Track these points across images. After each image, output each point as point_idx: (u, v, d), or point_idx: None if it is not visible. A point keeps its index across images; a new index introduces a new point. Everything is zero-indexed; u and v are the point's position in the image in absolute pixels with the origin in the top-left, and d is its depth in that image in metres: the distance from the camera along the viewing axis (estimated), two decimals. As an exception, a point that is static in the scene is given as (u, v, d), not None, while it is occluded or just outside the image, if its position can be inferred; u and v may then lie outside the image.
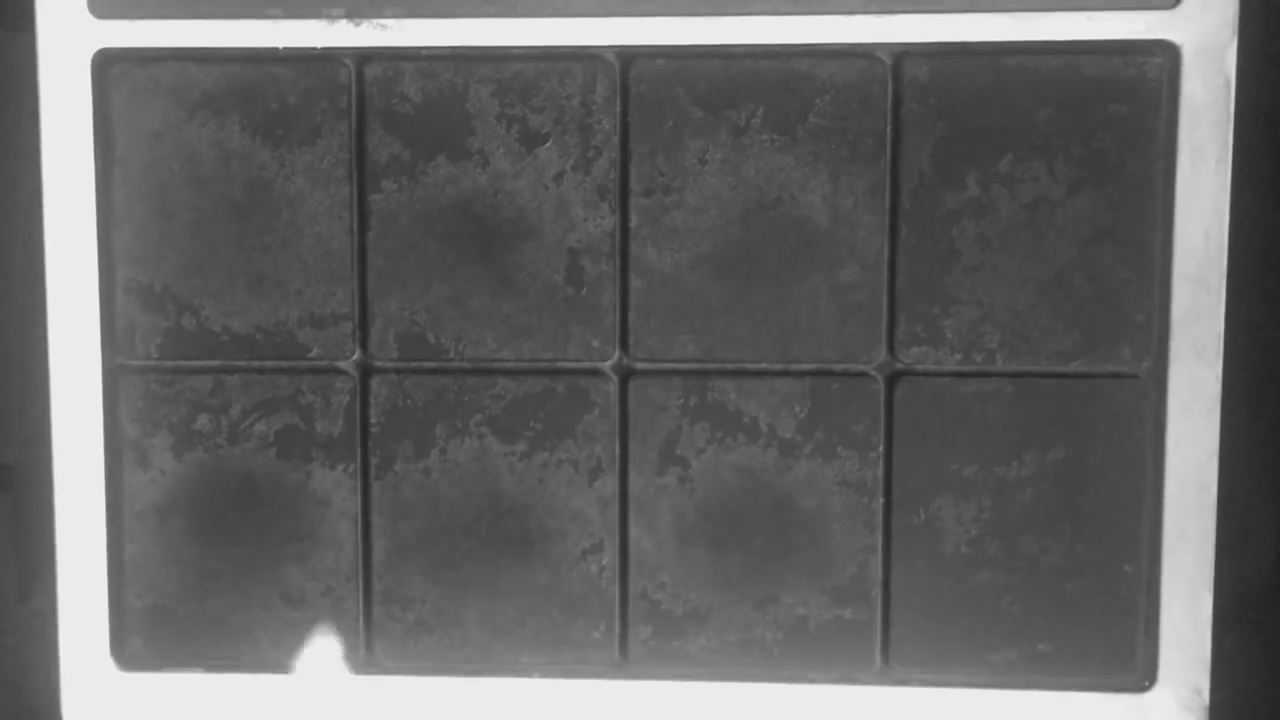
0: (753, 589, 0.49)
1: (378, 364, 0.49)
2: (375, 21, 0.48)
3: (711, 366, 0.48)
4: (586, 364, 0.49)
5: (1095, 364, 0.48)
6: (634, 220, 0.48)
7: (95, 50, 0.48)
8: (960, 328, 0.48)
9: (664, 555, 0.49)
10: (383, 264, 0.48)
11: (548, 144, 0.48)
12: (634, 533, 0.49)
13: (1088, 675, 0.49)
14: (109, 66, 0.48)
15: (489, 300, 0.48)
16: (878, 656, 0.49)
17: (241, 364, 0.49)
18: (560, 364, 0.49)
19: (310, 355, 0.49)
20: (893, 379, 0.48)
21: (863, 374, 0.48)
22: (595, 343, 0.48)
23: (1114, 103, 0.47)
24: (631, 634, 0.49)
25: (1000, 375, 0.48)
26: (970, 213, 0.47)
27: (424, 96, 0.48)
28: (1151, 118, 0.47)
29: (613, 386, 0.49)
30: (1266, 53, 0.49)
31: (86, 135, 0.48)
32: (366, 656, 0.50)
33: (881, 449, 0.48)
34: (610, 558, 0.49)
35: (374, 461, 0.49)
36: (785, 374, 0.48)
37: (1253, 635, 0.52)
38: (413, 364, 0.49)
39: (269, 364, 0.49)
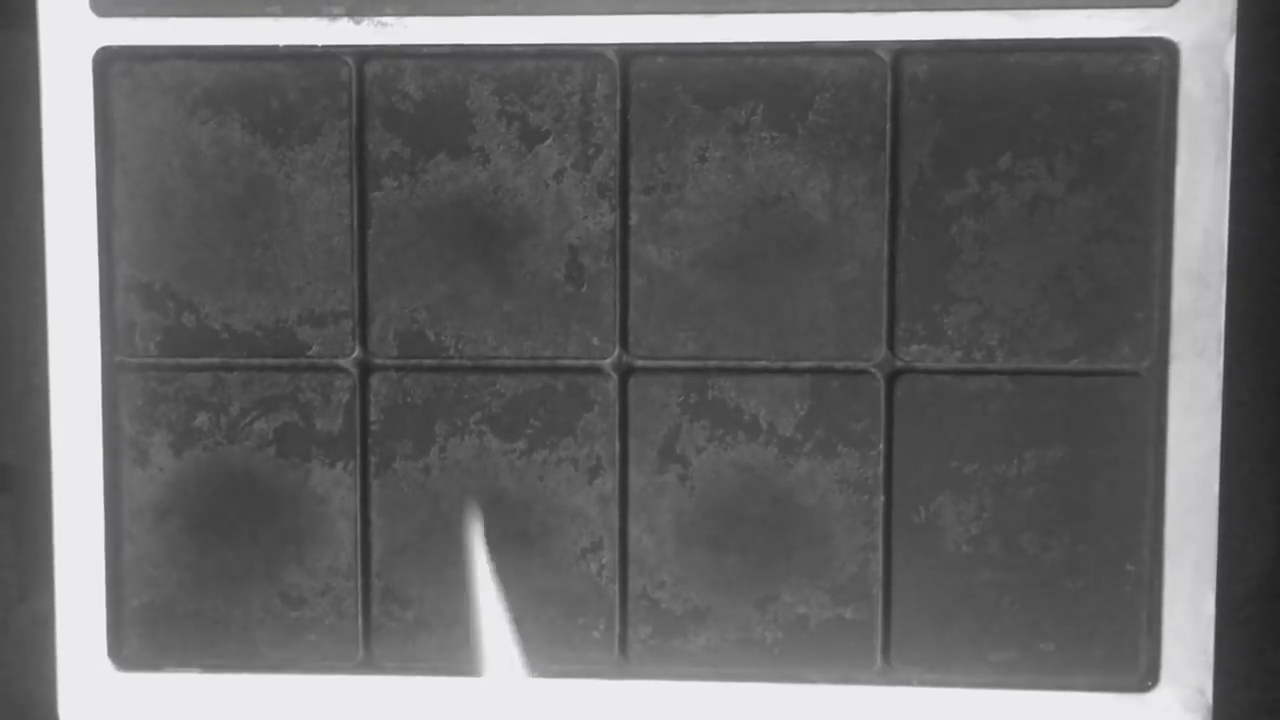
0: (753, 588, 0.49)
1: (377, 362, 0.49)
2: (376, 19, 0.48)
3: (711, 364, 0.48)
4: (586, 361, 0.49)
5: (1095, 361, 0.48)
6: (634, 218, 0.48)
7: (97, 48, 0.48)
8: (960, 325, 0.48)
9: (664, 554, 0.49)
10: (383, 261, 0.48)
11: (548, 141, 0.48)
12: (634, 531, 0.49)
13: (1089, 675, 0.48)
14: (110, 64, 0.48)
15: (489, 298, 0.48)
16: (878, 656, 0.49)
17: (241, 361, 0.49)
18: (560, 361, 0.49)
19: (310, 353, 0.49)
20: (893, 376, 0.48)
21: (863, 371, 0.48)
22: (595, 340, 0.48)
23: (1113, 100, 0.47)
24: (631, 633, 0.49)
25: (1000, 373, 0.48)
26: (970, 210, 0.47)
27: (424, 94, 0.48)
28: (1151, 115, 0.47)
29: (612, 384, 0.49)
30: (1265, 49, 0.50)
31: (87, 133, 0.48)
32: (365, 656, 0.50)
33: (882, 447, 0.48)
34: (610, 556, 0.49)
35: (373, 459, 0.49)
36: (785, 371, 0.48)
37: (1256, 634, 0.52)
38: (412, 362, 0.49)
39: (269, 361, 0.49)
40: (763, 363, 0.48)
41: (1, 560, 0.54)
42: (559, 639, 0.49)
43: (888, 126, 0.47)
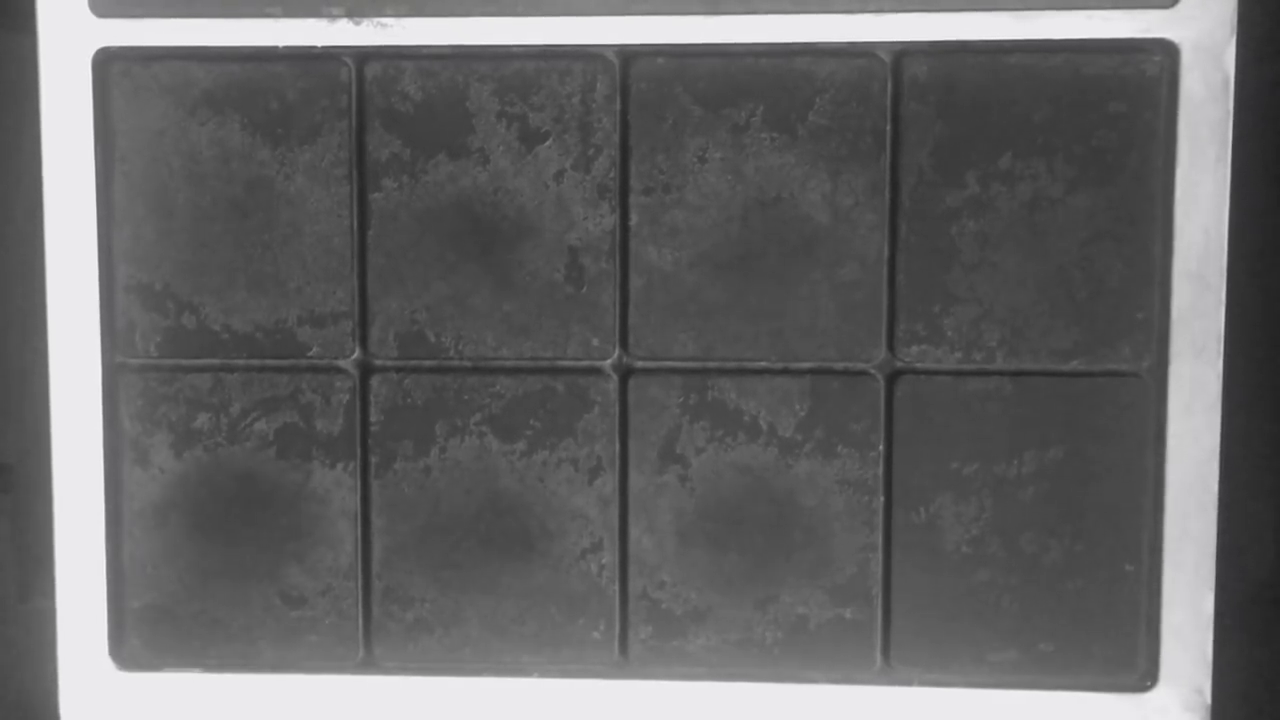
0: (753, 588, 0.49)
1: (377, 363, 0.49)
2: (375, 20, 0.48)
3: (711, 365, 0.48)
4: (586, 362, 0.49)
5: (1095, 362, 0.48)
6: (634, 219, 0.48)
7: (96, 49, 0.48)
8: (960, 326, 0.48)
9: (664, 554, 0.49)
10: (383, 262, 0.48)
11: (548, 142, 0.48)
12: (634, 532, 0.49)
13: (1089, 675, 0.49)
14: (110, 65, 0.48)
15: (489, 299, 0.48)
16: (878, 656, 0.49)
17: (241, 362, 0.49)
18: (560, 362, 0.49)
19: (310, 354, 0.49)
20: (893, 377, 0.48)
21: (863, 372, 0.48)
22: (595, 341, 0.48)
23: (1113, 101, 0.47)
24: (631, 633, 0.49)
25: (1000, 374, 0.48)
26: (970, 211, 0.47)
27: (424, 95, 0.48)
28: (1151, 116, 0.47)
29: (612, 385, 0.49)
30: (1265, 50, 0.50)
31: (87, 134, 0.48)
32: (366, 656, 0.50)
33: (882, 448, 0.48)
34: (610, 557, 0.49)
35: (374, 460, 0.49)
36: (785, 372, 0.48)
37: (1255, 634, 0.52)
38: (412, 363, 0.49)
39: (269, 362, 0.49)
40: (763, 363, 0.48)
41: (2, 560, 0.54)
42: (559, 638, 0.49)
43: (888, 128, 0.47)
